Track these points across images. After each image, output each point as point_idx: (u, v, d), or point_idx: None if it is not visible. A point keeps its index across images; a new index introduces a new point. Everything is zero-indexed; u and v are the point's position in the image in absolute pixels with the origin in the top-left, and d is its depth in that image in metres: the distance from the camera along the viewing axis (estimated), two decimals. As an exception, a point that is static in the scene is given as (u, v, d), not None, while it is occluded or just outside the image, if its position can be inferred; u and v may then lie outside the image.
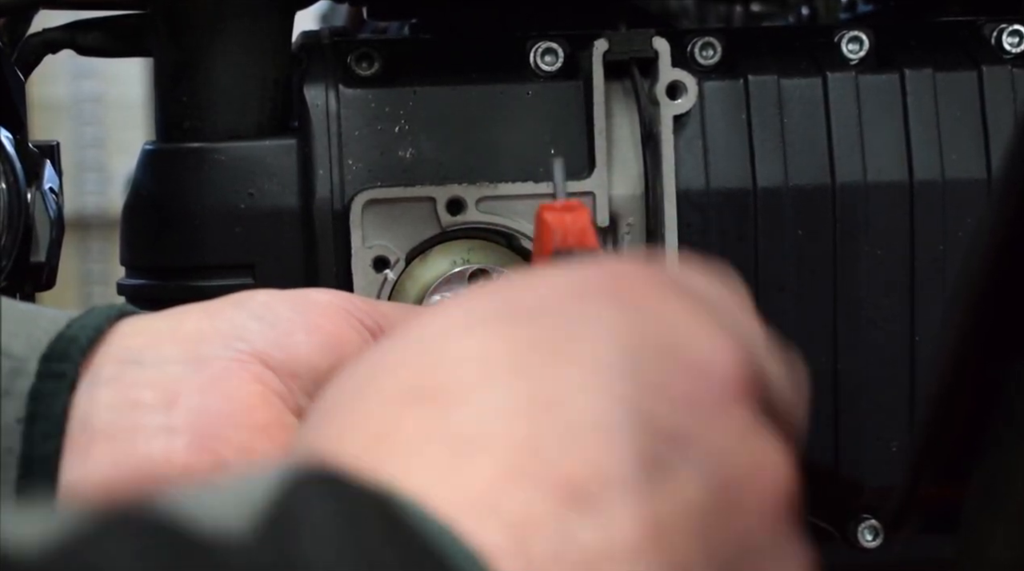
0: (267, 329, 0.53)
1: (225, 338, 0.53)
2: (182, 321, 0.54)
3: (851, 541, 0.83)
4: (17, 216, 0.83)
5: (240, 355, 0.53)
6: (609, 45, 0.81)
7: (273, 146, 0.81)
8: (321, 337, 0.54)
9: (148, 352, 0.52)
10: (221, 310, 0.54)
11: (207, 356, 0.52)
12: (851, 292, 0.82)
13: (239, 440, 0.51)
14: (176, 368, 0.52)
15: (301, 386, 0.53)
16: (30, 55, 0.89)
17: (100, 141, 4.49)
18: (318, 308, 0.55)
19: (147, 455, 0.51)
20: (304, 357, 0.53)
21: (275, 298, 0.55)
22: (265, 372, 0.53)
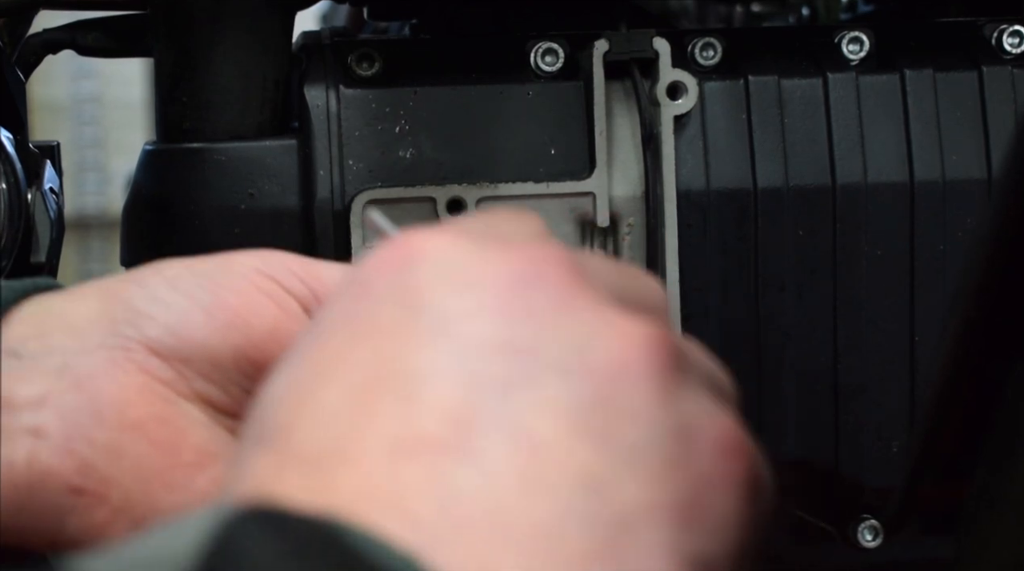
0: (162, 312, 0.51)
1: (114, 325, 0.51)
2: (77, 304, 0.52)
3: (851, 541, 0.83)
4: (17, 216, 0.83)
5: (126, 343, 0.51)
6: (609, 45, 0.81)
7: (273, 146, 0.81)
8: (224, 316, 0.52)
9: (30, 343, 0.51)
10: (121, 291, 0.53)
11: (90, 347, 0.51)
12: (851, 292, 0.82)
13: (106, 440, 0.50)
14: (55, 360, 0.50)
15: (196, 370, 0.51)
16: (30, 55, 0.89)
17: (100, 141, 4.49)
18: (231, 279, 0.52)
19: (9, 460, 0.49)
20: (199, 340, 0.51)
21: (185, 272, 0.53)
22: (150, 360, 0.51)
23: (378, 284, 0.37)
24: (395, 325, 0.36)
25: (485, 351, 0.35)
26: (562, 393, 0.35)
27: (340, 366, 0.36)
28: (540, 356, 0.35)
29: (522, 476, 0.33)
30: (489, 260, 0.37)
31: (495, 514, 0.33)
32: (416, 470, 0.34)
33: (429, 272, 0.37)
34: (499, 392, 0.35)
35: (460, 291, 0.36)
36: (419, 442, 0.34)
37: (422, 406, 0.35)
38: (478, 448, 0.34)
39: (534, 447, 0.34)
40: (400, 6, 0.92)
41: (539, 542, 0.33)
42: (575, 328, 0.36)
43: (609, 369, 0.35)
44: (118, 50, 0.89)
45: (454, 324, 0.36)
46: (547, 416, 0.34)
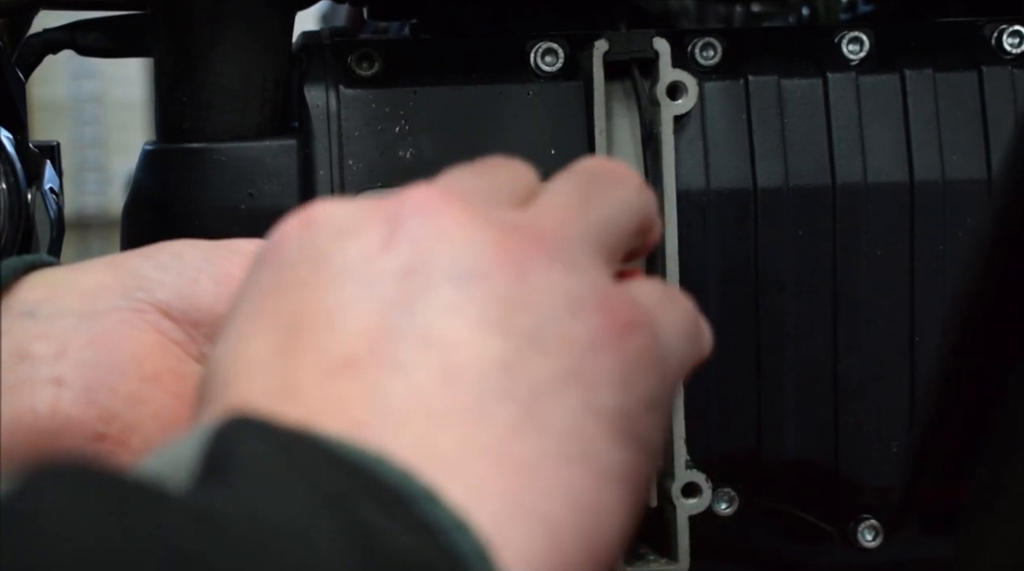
0: (170, 278, 0.54)
1: (126, 288, 0.53)
2: (85, 273, 0.54)
3: (851, 541, 0.84)
4: (17, 216, 0.83)
5: (139, 304, 0.53)
6: (609, 45, 0.81)
7: (273, 146, 0.81)
8: (230, 285, 0.54)
9: (44, 305, 0.52)
10: (127, 261, 0.55)
11: (104, 308, 0.53)
12: (851, 292, 0.82)
13: (127, 390, 0.52)
14: (70, 320, 0.52)
15: (205, 334, 0.53)
16: (30, 55, 0.89)
17: (100, 141, 4.49)
18: (233, 256, 0.55)
19: (32, 408, 0.51)
20: (207, 305, 0.54)
21: (188, 247, 0.55)
22: (163, 321, 0.53)
23: (283, 251, 0.42)
24: (303, 278, 0.40)
25: (384, 279, 0.39)
26: (458, 296, 0.39)
27: (264, 321, 0.40)
28: (431, 272, 0.39)
29: (441, 371, 0.38)
30: (373, 208, 0.42)
31: (423, 405, 0.37)
32: (348, 385, 0.37)
33: (326, 228, 0.41)
34: (405, 309, 0.39)
35: (356, 236, 0.41)
36: (346, 362, 0.38)
37: (341, 334, 0.38)
38: (398, 357, 0.38)
39: (446, 346, 0.38)
40: (400, 6, 0.92)
41: (467, 422, 0.37)
42: (455, 243, 0.40)
43: (496, 267, 0.40)
44: (118, 50, 0.89)
45: (356, 264, 0.40)
46: (450, 319, 0.39)
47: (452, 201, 0.42)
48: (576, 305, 0.40)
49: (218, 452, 0.34)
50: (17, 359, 0.51)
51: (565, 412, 0.38)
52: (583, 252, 0.42)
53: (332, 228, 0.41)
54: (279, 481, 0.33)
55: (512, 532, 0.36)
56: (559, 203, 0.45)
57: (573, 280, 0.41)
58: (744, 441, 0.82)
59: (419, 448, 0.36)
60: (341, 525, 0.32)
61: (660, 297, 0.44)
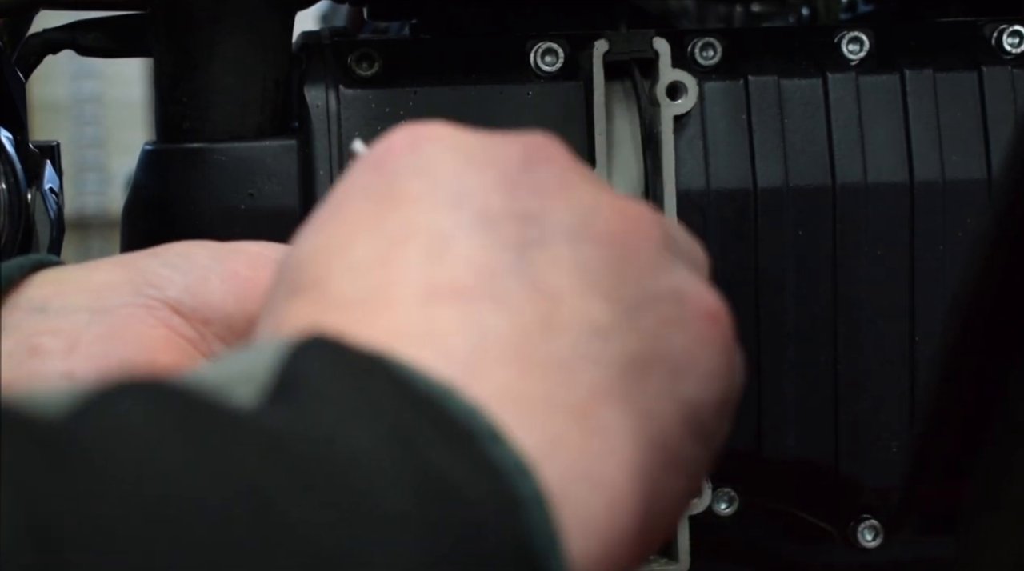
0: (179, 276, 0.54)
1: (135, 286, 0.53)
2: (94, 271, 0.54)
3: (851, 541, 0.84)
4: (17, 216, 0.83)
5: (149, 301, 0.53)
6: (609, 45, 0.81)
7: (273, 146, 0.81)
8: (237, 283, 0.54)
9: (54, 301, 0.52)
10: (135, 260, 0.55)
11: (114, 304, 0.52)
12: (851, 292, 0.82)
13: None
14: (80, 316, 0.52)
15: (214, 332, 0.53)
16: (30, 55, 0.89)
17: (100, 141, 4.49)
18: (241, 256, 0.55)
19: None
20: (217, 303, 0.53)
21: (195, 247, 0.55)
22: (173, 317, 0.53)
23: (395, 161, 0.41)
24: (415, 194, 0.40)
25: (501, 217, 0.39)
26: (571, 254, 0.39)
27: (368, 227, 0.39)
28: (550, 223, 0.39)
29: (542, 319, 0.37)
30: (496, 143, 0.41)
31: (519, 350, 0.37)
32: (447, 312, 0.37)
33: (444, 150, 0.41)
34: (516, 250, 0.38)
35: (474, 167, 0.40)
36: (448, 289, 0.37)
37: (449, 258, 0.38)
38: (502, 294, 0.38)
39: (551, 296, 0.38)
40: (400, 6, 0.92)
41: (559, 375, 0.37)
42: (579, 201, 0.40)
43: (611, 237, 0.40)
44: (118, 50, 0.89)
45: (471, 195, 0.39)
46: (560, 272, 0.38)
47: (574, 159, 0.42)
48: (677, 293, 0.40)
49: (291, 372, 0.34)
50: (28, 353, 0.51)
51: (649, 392, 0.39)
52: (681, 245, 0.43)
53: (451, 150, 0.41)
54: (348, 411, 0.33)
55: (575, 491, 0.36)
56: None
57: (675, 269, 0.41)
58: (744, 441, 0.82)
59: (499, 389, 0.36)
60: (404, 460, 0.32)
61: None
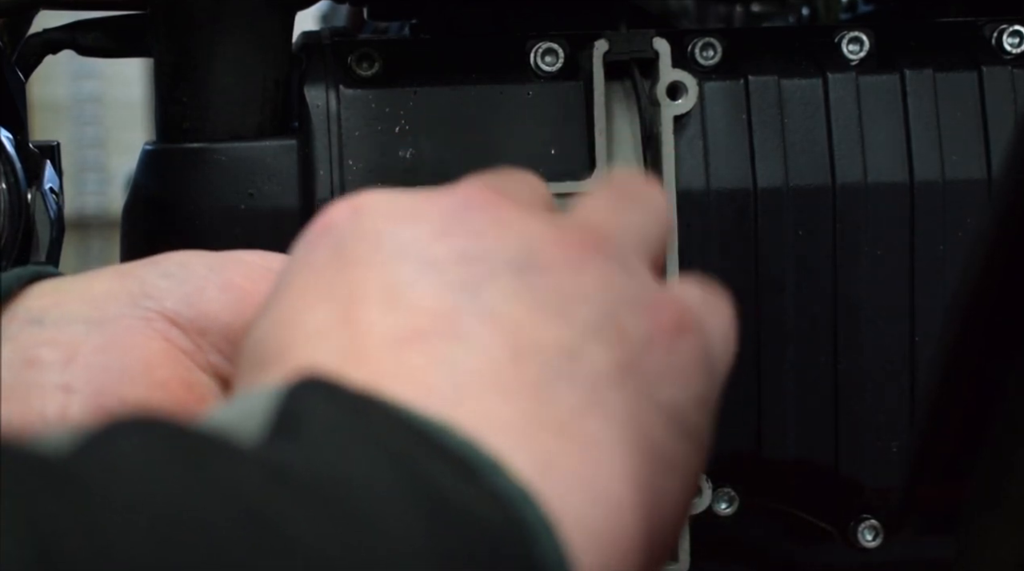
0: (176, 286, 0.53)
1: (133, 297, 0.53)
2: (92, 282, 0.54)
3: (851, 541, 0.84)
4: (17, 216, 0.83)
5: (146, 313, 0.53)
6: (609, 45, 0.81)
7: (273, 146, 0.81)
8: (235, 294, 0.54)
9: (51, 312, 0.52)
10: (133, 270, 0.55)
11: (111, 315, 0.52)
12: (851, 292, 0.82)
13: (136, 396, 0.51)
14: (77, 327, 0.52)
15: (212, 343, 0.53)
16: (30, 55, 0.89)
17: (100, 141, 4.49)
18: (238, 266, 0.55)
19: (41, 413, 0.50)
20: (215, 314, 0.53)
21: (193, 257, 0.55)
22: (171, 329, 0.53)
23: (336, 230, 0.42)
24: (361, 256, 0.41)
25: (446, 264, 0.40)
26: (520, 285, 0.40)
27: (322, 294, 0.40)
28: (492, 261, 0.40)
29: (508, 349, 0.38)
30: (430, 199, 0.42)
31: (494, 380, 0.38)
32: (417, 355, 0.38)
33: (378, 215, 0.42)
34: (468, 291, 0.39)
35: (410, 224, 0.41)
36: (414, 334, 0.38)
37: (405, 307, 0.39)
38: (463, 332, 0.38)
39: (510, 326, 0.39)
40: (400, 6, 0.92)
41: (537, 397, 0.37)
42: (518, 236, 0.41)
43: (555, 263, 0.40)
44: (118, 50, 0.89)
45: (412, 248, 0.40)
46: (514, 304, 0.39)
47: (504, 197, 0.43)
48: (631, 303, 0.41)
49: (288, 410, 0.34)
50: (25, 365, 0.51)
51: (627, 401, 0.39)
52: (630, 254, 0.43)
53: (385, 213, 0.42)
54: (349, 442, 0.34)
55: (576, 508, 0.36)
56: (599, 208, 0.45)
57: (626, 280, 0.41)
58: (744, 441, 0.82)
59: (485, 418, 0.37)
60: (409, 486, 0.33)
61: (704, 300, 0.45)
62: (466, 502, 0.33)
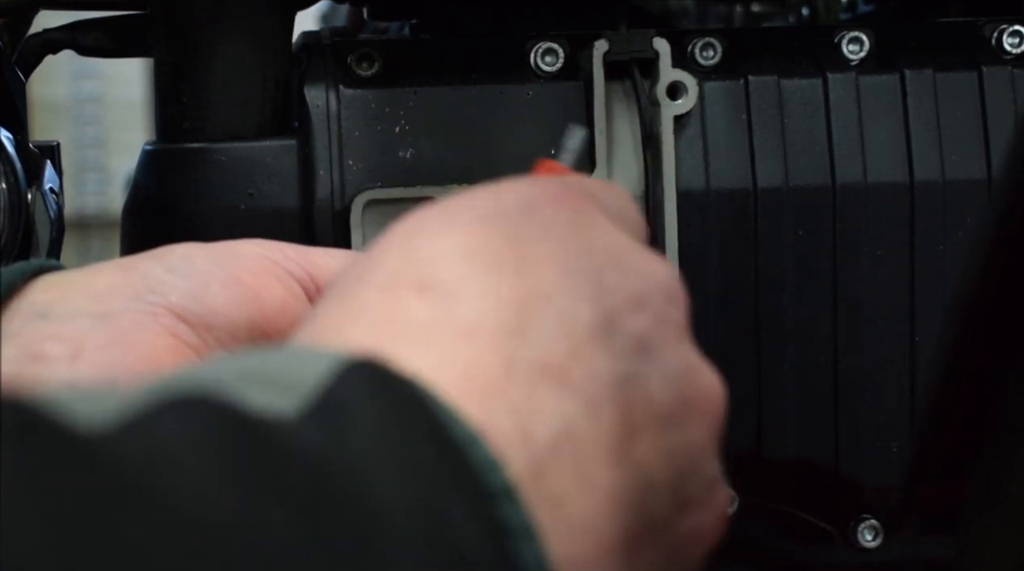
0: (181, 281, 0.53)
1: (138, 291, 0.53)
2: (96, 276, 0.54)
3: (851, 541, 0.84)
4: (17, 216, 0.83)
5: (152, 308, 0.52)
6: (609, 46, 0.81)
7: (273, 146, 0.81)
8: (239, 289, 0.54)
9: (56, 306, 0.52)
10: (137, 265, 0.54)
11: (117, 310, 0.52)
12: (851, 292, 0.82)
13: None
14: (83, 321, 0.52)
15: (217, 338, 0.53)
16: (30, 55, 0.89)
17: (100, 141, 4.49)
18: (240, 260, 0.55)
19: None
20: (220, 309, 0.53)
21: (195, 251, 0.55)
22: (178, 324, 0.53)
23: (420, 249, 0.42)
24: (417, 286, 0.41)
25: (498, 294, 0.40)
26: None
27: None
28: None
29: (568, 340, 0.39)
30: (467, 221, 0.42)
31: (538, 366, 0.38)
32: (485, 350, 0.38)
33: (438, 243, 0.41)
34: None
35: (457, 262, 0.41)
36: (485, 329, 0.39)
37: (462, 306, 0.39)
38: (531, 326, 0.39)
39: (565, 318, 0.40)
40: (400, 6, 0.92)
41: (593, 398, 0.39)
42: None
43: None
44: (118, 50, 0.89)
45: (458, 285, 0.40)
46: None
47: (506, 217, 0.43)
48: (648, 278, 0.43)
49: (336, 395, 0.35)
50: (31, 359, 0.51)
51: (667, 339, 0.42)
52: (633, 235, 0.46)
53: (440, 247, 0.42)
54: (380, 449, 0.34)
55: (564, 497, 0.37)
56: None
57: (638, 257, 0.44)
58: (744, 441, 0.82)
59: (512, 414, 0.38)
60: (427, 523, 0.33)
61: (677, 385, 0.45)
62: (469, 538, 0.34)
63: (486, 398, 0.37)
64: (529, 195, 0.43)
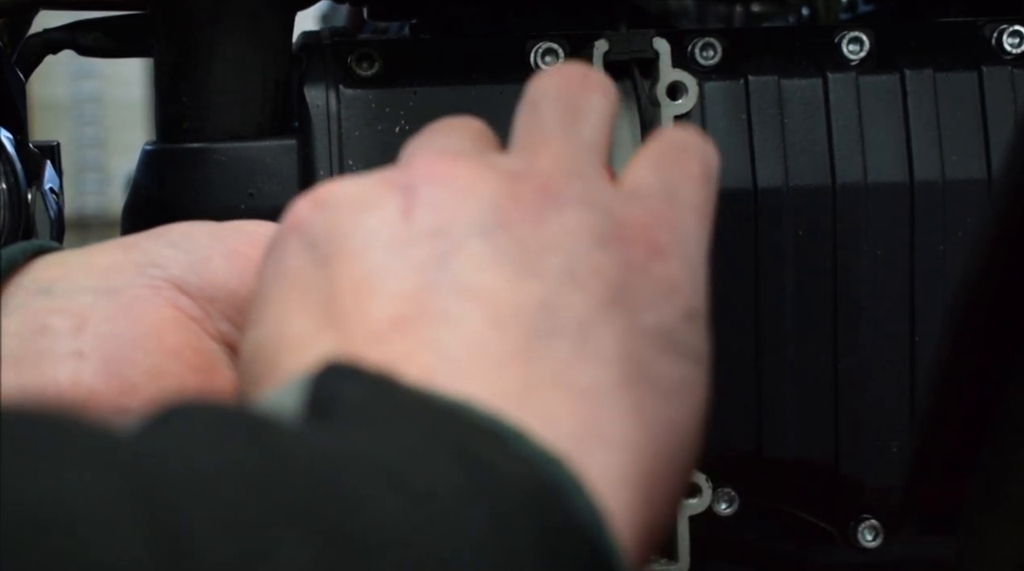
0: (182, 255, 0.54)
1: (139, 266, 0.53)
2: (97, 254, 0.54)
3: (851, 541, 0.84)
4: (17, 216, 0.83)
5: (154, 281, 0.53)
6: (609, 45, 0.81)
7: (273, 146, 0.81)
8: (240, 262, 0.54)
9: (59, 282, 0.53)
10: (138, 242, 0.55)
11: (119, 285, 0.53)
12: (851, 292, 0.82)
13: (148, 364, 0.52)
14: (87, 297, 0.52)
15: (220, 310, 0.54)
16: (31, 55, 0.89)
17: (100, 141, 4.50)
18: (242, 236, 0.55)
19: (54, 379, 0.51)
20: (221, 282, 0.54)
21: (196, 227, 0.56)
22: (180, 297, 0.53)
23: (303, 230, 0.43)
24: (330, 253, 0.41)
25: (411, 242, 0.40)
26: (487, 249, 0.40)
27: (296, 301, 0.41)
28: (455, 230, 0.40)
29: (488, 318, 0.39)
30: (381, 183, 0.43)
31: (481, 351, 0.38)
32: (404, 342, 0.38)
33: (341, 206, 0.42)
34: (439, 266, 0.40)
35: (372, 210, 0.42)
36: (394, 322, 0.39)
37: (382, 298, 0.39)
38: (444, 311, 0.39)
39: (487, 295, 0.39)
40: (400, 6, 0.92)
41: (525, 360, 0.38)
42: (472, 199, 0.41)
43: (513, 219, 0.41)
44: (118, 50, 0.89)
45: (375, 234, 0.41)
46: (485, 270, 0.40)
47: (456, 161, 0.43)
48: (597, 238, 0.41)
49: (321, 395, 0.35)
50: (36, 333, 0.51)
51: (614, 338, 0.39)
52: (586, 183, 0.44)
53: (347, 204, 0.42)
54: (386, 421, 0.34)
55: (592, 458, 0.37)
56: (546, 140, 0.46)
57: (587, 215, 0.42)
58: (744, 441, 0.82)
59: (488, 389, 0.37)
60: (452, 457, 0.33)
61: (665, 178, 0.45)
62: (507, 468, 0.34)
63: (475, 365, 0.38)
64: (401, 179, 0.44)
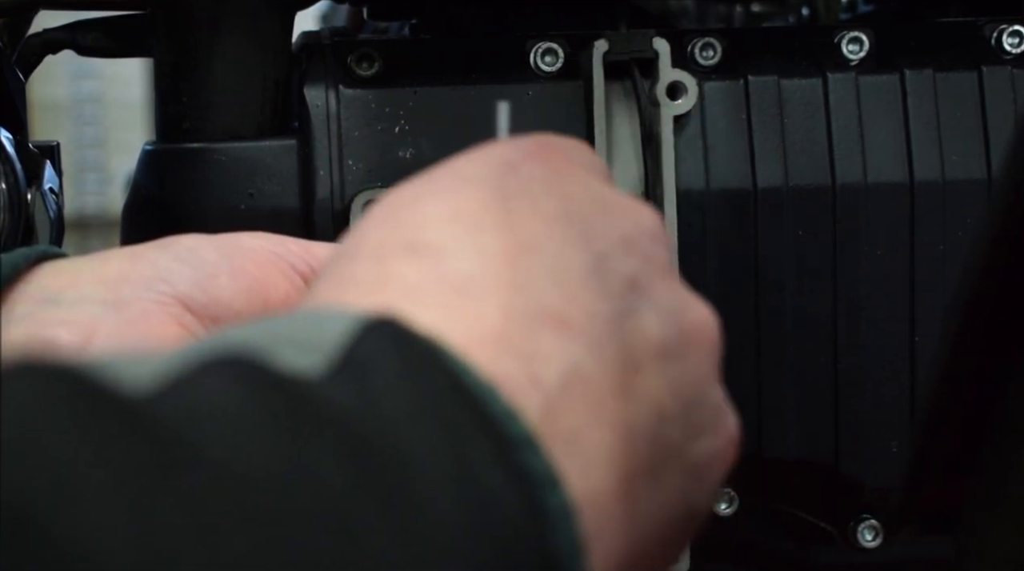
0: (190, 272, 0.53)
1: (147, 280, 0.53)
2: (105, 263, 0.54)
3: (851, 541, 0.84)
4: (17, 216, 0.83)
5: (161, 297, 0.53)
6: (609, 45, 0.81)
7: (273, 146, 0.81)
8: (246, 281, 0.54)
9: (67, 292, 0.52)
10: (145, 253, 0.54)
11: (127, 297, 0.52)
12: (851, 292, 0.82)
13: None
14: (94, 308, 0.52)
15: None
16: (30, 55, 0.89)
17: (100, 141, 4.50)
18: (246, 253, 0.55)
19: None
20: (227, 301, 0.53)
21: (202, 242, 0.55)
22: (185, 315, 0.53)
23: (403, 214, 0.42)
24: (431, 243, 0.41)
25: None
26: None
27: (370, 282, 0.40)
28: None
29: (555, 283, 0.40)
30: (489, 157, 0.43)
31: (537, 313, 0.39)
32: (482, 304, 0.39)
33: (422, 209, 0.42)
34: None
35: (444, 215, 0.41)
36: (456, 285, 0.39)
37: (447, 265, 0.39)
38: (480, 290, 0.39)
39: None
40: (400, 6, 0.92)
41: (580, 331, 0.39)
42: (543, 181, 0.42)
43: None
44: (118, 50, 0.89)
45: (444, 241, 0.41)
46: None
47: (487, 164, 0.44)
48: (624, 212, 0.43)
49: (358, 352, 0.35)
50: (42, 345, 0.51)
51: (661, 292, 0.41)
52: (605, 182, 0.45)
53: (426, 208, 0.42)
54: (404, 402, 0.34)
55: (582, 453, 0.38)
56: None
57: (613, 197, 0.44)
58: (744, 441, 0.82)
59: (520, 359, 0.38)
60: (449, 461, 0.34)
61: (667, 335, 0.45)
62: (496, 485, 0.34)
63: (492, 350, 0.38)
64: (507, 154, 0.44)
